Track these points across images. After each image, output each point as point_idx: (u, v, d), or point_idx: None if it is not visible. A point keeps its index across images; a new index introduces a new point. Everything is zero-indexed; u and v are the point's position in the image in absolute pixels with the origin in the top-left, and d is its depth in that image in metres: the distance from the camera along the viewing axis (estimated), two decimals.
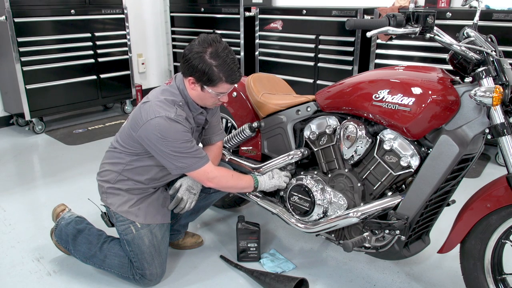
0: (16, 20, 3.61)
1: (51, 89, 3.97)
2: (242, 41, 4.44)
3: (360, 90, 1.69)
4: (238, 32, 4.45)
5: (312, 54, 3.98)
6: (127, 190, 1.86)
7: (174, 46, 5.19)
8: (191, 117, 1.80)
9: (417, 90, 1.53)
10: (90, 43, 4.15)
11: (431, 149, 1.55)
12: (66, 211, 2.13)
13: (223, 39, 1.76)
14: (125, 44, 4.42)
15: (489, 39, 1.54)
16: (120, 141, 1.84)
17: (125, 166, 1.84)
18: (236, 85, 2.23)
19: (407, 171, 1.63)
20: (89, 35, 4.13)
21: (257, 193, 2.15)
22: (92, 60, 4.21)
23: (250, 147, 2.22)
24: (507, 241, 1.53)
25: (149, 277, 1.85)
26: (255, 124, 2.12)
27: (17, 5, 3.62)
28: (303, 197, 1.88)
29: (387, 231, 1.65)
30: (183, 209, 1.89)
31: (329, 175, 1.88)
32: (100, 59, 4.26)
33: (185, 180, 1.90)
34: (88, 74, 4.21)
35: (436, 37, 1.54)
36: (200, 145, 2.13)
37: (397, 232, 1.63)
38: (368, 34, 1.50)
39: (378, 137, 1.70)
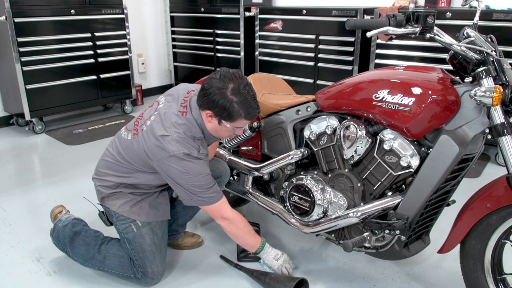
0: (16, 20, 3.61)
1: (51, 89, 3.97)
2: (242, 41, 4.44)
3: (360, 90, 1.69)
4: (238, 32, 4.45)
5: (312, 54, 3.98)
6: (130, 193, 1.86)
7: (174, 46, 5.19)
8: (207, 149, 1.80)
9: (417, 90, 1.53)
10: (90, 43, 4.15)
11: (431, 149, 1.55)
12: (63, 212, 2.12)
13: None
14: (125, 44, 4.42)
15: (489, 39, 1.54)
16: (128, 159, 1.80)
17: (130, 179, 1.83)
18: None
19: (407, 171, 1.63)
20: (89, 35, 4.13)
21: (257, 193, 2.16)
22: (92, 60, 4.21)
23: (250, 147, 2.22)
24: (507, 241, 1.53)
25: (151, 275, 1.85)
26: (255, 124, 2.12)
27: (17, 5, 3.62)
28: (303, 197, 1.88)
29: (387, 231, 1.65)
30: None
31: (329, 175, 1.88)
32: (100, 59, 4.26)
33: None
34: (88, 74, 4.21)
35: (436, 37, 1.54)
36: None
37: (397, 232, 1.63)
38: (368, 34, 1.50)
39: (378, 137, 1.70)
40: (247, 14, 4.36)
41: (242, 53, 4.48)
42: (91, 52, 4.18)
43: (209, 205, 1.76)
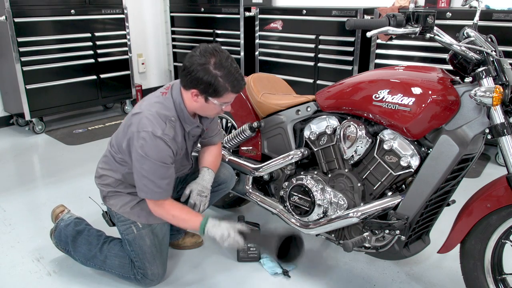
0: (16, 20, 3.61)
1: (51, 89, 3.97)
2: (242, 41, 4.44)
3: (360, 90, 1.69)
4: (238, 32, 4.44)
5: (312, 54, 3.98)
6: (129, 193, 1.86)
7: (174, 46, 5.18)
8: (181, 135, 1.76)
9: (417, 90, 1.53)
10: (90, 43, 4.15)
11: (431, 149, 1.55)
12: (65, 212, 2.12)
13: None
14: (125, 44, 4.42)
15: (489, 39, 1.54)
16: (116, 148, 1.82)
17: (123, 174, 1.83)
18: None
19: (407, 171, 1.63)
20: (89, 35, 4.13)
21: (257, 193, 2.16)
22: (92, 60, 4.21)
23: (250, 147, 2.22)
24: (507, 241, 1.53)
25: (151, 277, 1.85)
26: (255, 124, 2.12)
27: (17, 5, 3.62)
28: (303, 197, 1.88)
29: (387, 231, 1.65)
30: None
31: (329, 175, 1.88)
32: (100, 59, 4.26)
33: (194, 185, 1.88)
34: (88, 74, 4.21)
35: (436, 37, 1.54)
36: (198, 147, 2.14)
37: (397, 232, 1.63)
38: (368, 34, 1.50)
39: (378, 137, 1.70)
40: (247, 14, 4.35)
41: (242, 53, 4.47)
42: (91, 52, 4.18)
43: (149, 198, 1.72)
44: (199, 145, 2.12)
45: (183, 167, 1.94)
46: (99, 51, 4.23)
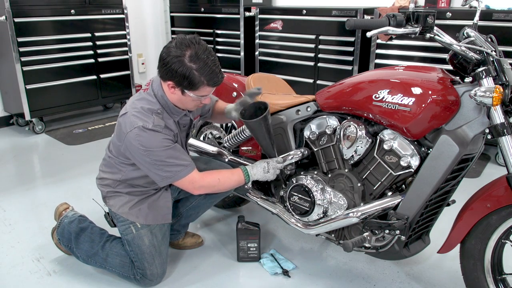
0: (16, 20, 3.61)
1: (51, 89, 3.97)
2: (242, 41, 4.44)
3: (360, 90, 1.69)
4: (238, 32, 4.44)
5: (312, 54, 3.98)
6: (128, 193, 1.86)
7: None
8: (173, 123, 1.75)
9: (417, 90, 1.53)
10: (90, 43, 4.15)
11: (431, 149, 1.55)
12: (69, 209, 2.12)
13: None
14: (125, 44, 4.43)
15: (489, 39, 1.54)
16: (113, 151, 1.83)
17: (123, 175, 1.83)
18: (236, 85, 2.23)
19: (407, 171, 1.63)
20: (89, 35, 4.13)
21: (257, 193, 2.15)
22: (92, 60, 4.21)
23: (250, 147, 2.22)
24: (507, 241, 1.53)
25: (150, 277, 1.85)
26: None
27: (17, 5, 3.62)
28: (303, 197, 1.88)
29: (387, 231, 1.65)
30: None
31: (329, 175, 1.88)
32: (100, 59, 4.26)
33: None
34: (88, 74, 4.22)
35: (436, 37, 1.54)
36: (191, 140, 2.14)
37: (397, 232, 1.63)
38: (368, 34, 1.50)
39: (378, 137, 1.70)
40: (247, 14, 4.36)
41: (242, 53, 4.47)
42: (91, 52, 4.18)
43: (178, 179, 1.71)
44: (191, 140, 2.13)
45: None
46: (99, 51, 4.23)
